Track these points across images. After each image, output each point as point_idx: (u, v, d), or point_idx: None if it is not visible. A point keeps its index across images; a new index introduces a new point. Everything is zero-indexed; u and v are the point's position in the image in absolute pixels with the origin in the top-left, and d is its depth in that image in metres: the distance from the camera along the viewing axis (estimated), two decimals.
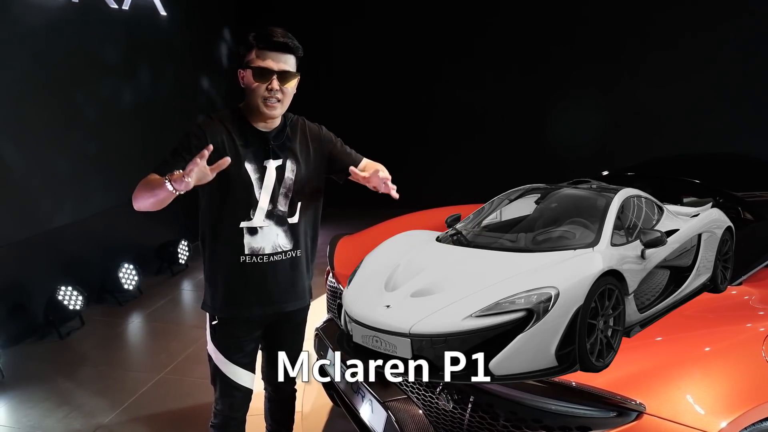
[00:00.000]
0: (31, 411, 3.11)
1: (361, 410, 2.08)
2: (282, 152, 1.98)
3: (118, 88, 4.81)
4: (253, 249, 1.96)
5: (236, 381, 2.07)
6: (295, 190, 1.99)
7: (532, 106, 6.81)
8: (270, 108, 1.90)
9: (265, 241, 1.97)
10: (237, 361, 2.06)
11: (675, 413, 1.47)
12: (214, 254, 2.01)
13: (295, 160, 2.00)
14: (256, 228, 1.95)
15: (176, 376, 3.43)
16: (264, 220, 1.95)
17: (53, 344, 3.91)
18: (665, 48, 6.34)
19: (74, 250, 4.42)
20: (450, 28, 6.90)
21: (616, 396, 1.48)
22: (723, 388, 1.58)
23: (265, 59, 1.86)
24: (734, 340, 1.76)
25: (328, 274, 2.69)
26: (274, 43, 1.87)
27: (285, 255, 2.01)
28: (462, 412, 1.70)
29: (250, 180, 1.92)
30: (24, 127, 3.96)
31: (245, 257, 1.96)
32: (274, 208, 1.96)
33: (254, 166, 1.93)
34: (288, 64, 1.91)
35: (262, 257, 1.97)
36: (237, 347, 2.05)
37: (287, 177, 1.98)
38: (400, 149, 7.32)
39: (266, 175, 1.94)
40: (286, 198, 1.98)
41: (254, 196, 1.93)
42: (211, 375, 2.11)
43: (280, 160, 1.97)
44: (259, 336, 2.12)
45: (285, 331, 2.18)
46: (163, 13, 5.34)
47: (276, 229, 1.98)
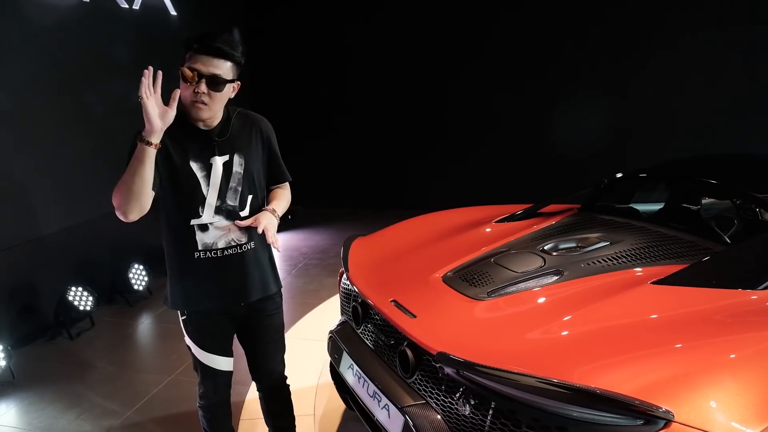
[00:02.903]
0: (42, 412, 3.10)
1: (377, 415, 2.05)
2: (228, 147, 2.01)
3: (129, 88, 4.76)
4: (206, 245, 2.01)
5: (215, 367, 2.16)
6: (244, 184, 2.02)
7: (545, 107, 6.76)
8: (197, 110, 1.90)
9: (217, 236, 2.01)
10: (212, 349, 2.14)
11: (704, 421, 1.43)
12: (170, 252, 2.06)
13: (241, 154, 2.03)
14: (207, 224, 1.99)
15: (187, 377, 3.41)
16: (213, 216, 2.00)
17: (64, 345, 3.91)
18: (679, 50, 6.29)
19: (84, 250, 4.42)
20: (464, 30, 6.85)
21: (643, 403, 1.44)
22: (751, 396, 1.53)
23: (196, 62, 1.86)
24: (761, 346, 1.71)
25: (342, 276, 2.66)
26: (207, 46, 1.86)
27: (240, 248, 2.05)
28: (483, 419, 1.66)
29: (195, 178, 1.95)
30: (35, 127, 3.96)
31: (199, 253, 2.01)
32: (222, 204, 2.00)
33: (200, 164, 1.96)
34: (220, 69, 1.88)
35: (215, 252, 2.02)
36: (209, 337, 2.13)
37: (236, 171, 2.01)
38: (413, 150, 7.31)
39: (212, 172, 1.98)
40: (236, 192, 2.02)
41: (201, 193, 1.97)
42: (193, 363, 2.21)
43: (227, 156, 2.00)
44: (229, 324, 2.17)
45: (260, 327, 2.22)
46: (174, 13, 5.34)
47: (227, 224, 2.02)
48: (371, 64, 7.18)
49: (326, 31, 7.14)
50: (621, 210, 3.00)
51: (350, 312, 2.48)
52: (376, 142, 7.32)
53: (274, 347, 2.29)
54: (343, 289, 2.65)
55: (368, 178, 7.48)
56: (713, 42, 6.15)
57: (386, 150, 7.35)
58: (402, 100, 7.18)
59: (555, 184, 4.43)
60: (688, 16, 6.17)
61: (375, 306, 2.20)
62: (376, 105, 7.25)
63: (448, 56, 6.96)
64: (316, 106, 7.27)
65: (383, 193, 7.41)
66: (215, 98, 1.90)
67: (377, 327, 2.26)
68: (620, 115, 6.56)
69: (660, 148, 6.03)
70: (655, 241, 2.42)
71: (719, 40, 6.13)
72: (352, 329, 2.46)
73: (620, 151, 6.48)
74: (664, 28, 6.28)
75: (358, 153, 7.40)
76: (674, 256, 2.28)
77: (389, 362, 2.11)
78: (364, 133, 7.32)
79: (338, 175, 7.47)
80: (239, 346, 2.26)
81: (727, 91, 6.22)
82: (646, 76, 6.44)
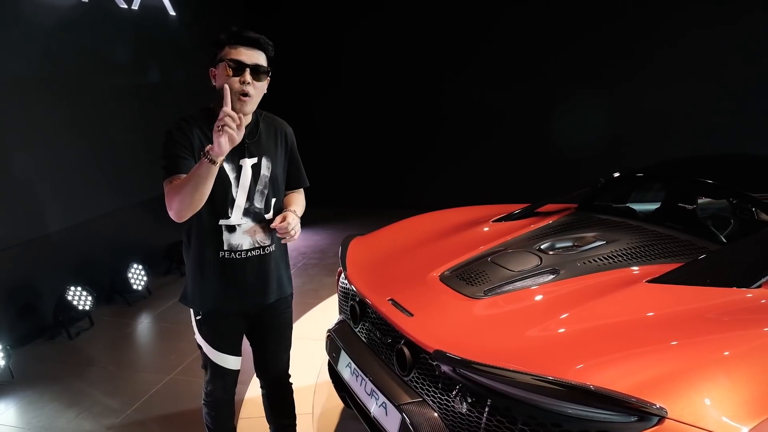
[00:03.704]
0: (41, 412, 3.11)
1: (374, 413, 2.06)
2: (256, 150, 2.03)
3: (127, 88, 4.81)
4: (231, 246, 2.02)
5: (225, 366, 2.17)
6: (270, 187, 2.06)
7: (543, 107, 6.78)
8: (241, 103, 1.91)
9: (243, 237, 2.03)
10: (224, 349, 2.16)
11: (697, 418, 1.44)
12: (195, 251, 2.07)
13: (269, 158, 2.06)
14: (234, 225, 2.01)
15: (186, 377, 3.42)
16: (242, 217, 2.02)
17: (63, 344, 3.92)
18: (675, 48, 6.30)
19: (84, 250, 4.43)
20: (460, 29, 6.87)
21: (637, 400, 1.46)
22: (744, 393, 1.55)
23: (236, 55, 1.89)
24: (754, 344, 1.73)
25: (340, 275, 2.67)
26: (246, 37, 1.91)
27: (263, 250, 2.09)
28: (479, 416, 1.68)
29: (228, 179, 1.98)
30: (33, 126, 3.97)
31: (224, 253, 2.03)
32: (251, 206, 2.03)
33: (231, 165, 1.98)
34: (260, 60, 1.93)
35: (240, 253, 2.04)
36: (222, 338, 2.15)
37: (263, 174, 2.04)
38: (411, 150, 7.32)
39: (242, 174, 2.00)
40: (262, 195, 2.05)
41: (231, 195, 1.99)
42: (203, 361, 2.22)
43: (255, 158, 2.03)
44: (242, 324, 2.19)
45: (271, 325, 2.24)
46: (173, 14, 5.35)
47: (254, 225, 2.04)
48: (370, 64, 7.19)
49: (325, 31, 7.16)
50: (618, 209, 3.02)
51: (348, 311, 2.49)
52: (374, 143, 7.33)
53: (282, 346, 2.31)
54: (341, 289, 2.66)
55: (366, 178, 7.49)
56: (712, 42, 6.16)
57: (384, 150, 7.36)
58: (400, 100, 7.20)
59: (552, 184, 4.44)
60: (687, 15, 6.19)
61: (373, 305, 2.21)
62: (374, 105, 7.26)
63: (446, 56, 6.97)
64: (314, 105, 7.28)
65: (381, 193, 7.43)
66: (257, 89, 1.94)
67: (375, 325, 2.27)
68: (618, 115, 6.58)
69: (657, 148, 6.06)
70: (651, 241, 2.43)
71: (719, 39, 6.14)
72: (350, 328, 2.47)
73: (617, 152, 6.50)
74: (664, 27, 6.29)
75: (357, 153, 7.41)
76: (670, 255, 2.30)
77: (387, 360, 2.12)
78: (362, 133, 7.34)
79: (337, 176, 7.48)
80: (246, 344, 2.27)
81: (726, 91, 6.23)
82: (644, 76, 6.45)
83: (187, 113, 2.00)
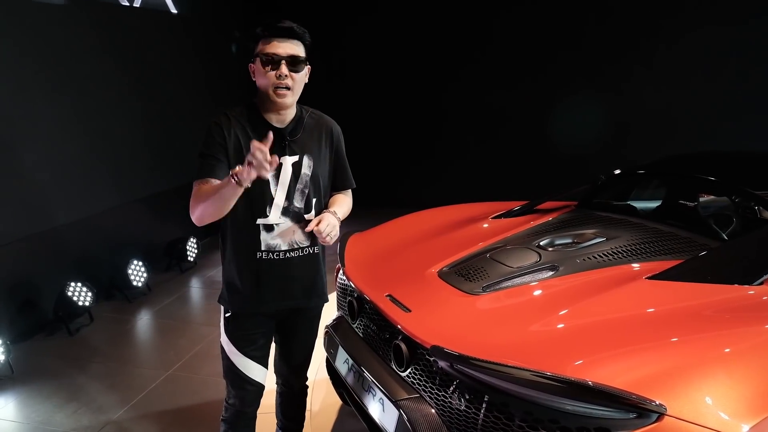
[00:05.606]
0: (40, 407, 3.10)
1: (371, 409, 2.05)
2: (298, 148, 1.96)
3: (128, 86, 4.81)
4: (269, 246, 1.96)
5: (248, 374, 2.07)
6: (311, 186, 1.98)
7: (543, 104, 6.75)
8: (280, 96, 1.87)
9: (281, 237, 1.96)
10: (249, 353, 2.06)
11: (697, 415, 1.43)
12: (232, 250, 2.01)
13: (311, 156, 1.99)
14: (273, 225, 1.94)
15: (185, 373, 3.42)
16: (280, 216, 1.95)
17: (62, 340, 3.91)
18: (676, 48, 6.27)
19: (84, 246, 4.43)
20: (460, 28, 6.85)
21: (636, 397, 1.44)
22: (745, 390, 1.53)
23: (271, 48, 1.86)
24: (755, 341, 1.71)
25: (339, 272, 2.66)
26: (279, 28, 1.87)
27: (302, 251, 2.01)
28: (476, 412, 1.67)
29: (266, 177, 1.90)
30: (34, 123, 3.97)
31: (262, 254, 1.96)
32: (290, 205, 1.96)
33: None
34: (296, 50, 1.89)
35: (278, 254, 1.97)
36: (249, 340, 2.05)
37: (304, 173, 1.96)
38: (410, 148, 7.30)
39: (282, 172, 1.93)
40: (303, 194, 1.97)
41: (269, 193, 1.92)
42: (224, 368, 2.11)
43: (296, 156, 1.96)
44: (272, 330, 2.12)
45: (299, 325, 2.18)
46: (174, 11, 5.34)
47: (293, 225, 1.97)
48: (370, 62, 7.18)
49: (324, 29, 7.12)
50: (618, 207, 3.00)
51: (346, 307, 2.48)
52: (373, 140, 7.30)
53: (307, 345, 2.26)
54: (339, 285, 2.65)
55: (365, 176, 7.40)
56: (713, 40, 6.12)
57: (384, 148, 7.34)
58: (400, 99, 7.18)
59: (552, 181, 4.43)
60: (687, 14, 6.15)
61: (370, 300, 2.20)
62: (374, 103, 7.24)
63: (445, 54, 6.95)
64: (315, 103, 7.23)
65: (381, 191, 7.40)
66: (296, 80, 1.89)
67: (372, 321, 2.26)
68: (618, 112, 6.54)
69: (658, 145, 6.02)
70: (651, 238, 2.42)
71: (719, 37, 6.11)
72: (348, 324, 2.46)
73: (618, 149, 6.46)
74: (664, 26, 6.26)
75: (355, 151, 7.34)
76: (670, 252, 2.28)
77: (384, 356, 2.11)
78: (361, 132, 7.30)
79: None
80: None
81: (726, 88, 6.19)
82: (645, 74, 6.42)
83: (233, 108, 1.95)
